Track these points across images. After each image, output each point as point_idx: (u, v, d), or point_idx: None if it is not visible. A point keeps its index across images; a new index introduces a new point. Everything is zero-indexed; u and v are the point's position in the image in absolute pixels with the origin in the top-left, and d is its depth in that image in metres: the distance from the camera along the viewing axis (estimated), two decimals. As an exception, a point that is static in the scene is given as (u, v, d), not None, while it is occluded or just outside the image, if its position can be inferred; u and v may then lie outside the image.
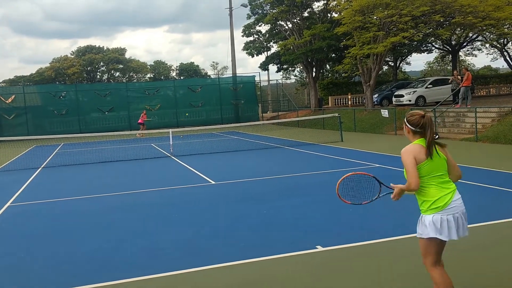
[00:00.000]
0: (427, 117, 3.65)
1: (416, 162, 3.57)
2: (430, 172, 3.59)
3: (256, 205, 8.34)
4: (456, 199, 3.62)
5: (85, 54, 62.87)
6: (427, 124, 3.61)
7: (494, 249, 5.50)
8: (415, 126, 3.65)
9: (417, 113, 3.70)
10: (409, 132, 3.74)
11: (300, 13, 34.32)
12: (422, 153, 3.58)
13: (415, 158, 3.58)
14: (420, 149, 3.60)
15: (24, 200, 9.93)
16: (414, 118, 3.67)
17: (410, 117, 3.72)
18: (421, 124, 3.62)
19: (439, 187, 3.59)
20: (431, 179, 3.60)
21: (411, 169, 3.57)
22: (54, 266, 5.66)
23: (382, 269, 5.02)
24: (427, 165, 3.57)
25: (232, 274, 5.12)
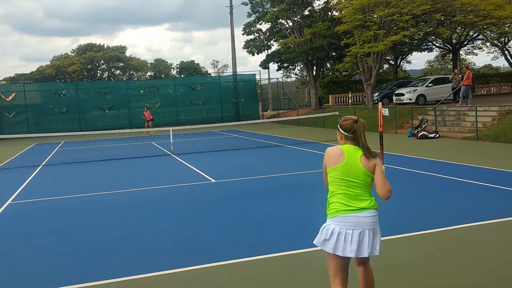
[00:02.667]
0: (360, 122, 3.50)
1: (326, 166, 3.56)
2: (338, 178, 3.45)
3: (256, 203, 8.34)
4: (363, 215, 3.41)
5: (86, 52, 62.82)
6: (358, 130, 3.46)
7: (494, 248, 5.51)
8: (347, 131, 3.50)
9: (350, 118, 3.55)
10: (341, 138, 3.59)
11: (301, 11, 34.29)
12: (335, 157, 3.46)
13: (325, 163, 3.56)
14: (335, 153, 3.48)
15: (25, 198, 9.95)
16: (346, 123, 3.52)
17: (343, 122, 3.56)
18: (353, 129, 3.47)
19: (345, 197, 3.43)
20: (339, 187, 3.46)
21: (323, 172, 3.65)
22: (54, 264, 5.67)
23: (383, 268, 5.02)
24: (337, 171, 3.45)
25: (232, 272, 5.13)
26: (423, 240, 5.90)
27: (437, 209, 7.35)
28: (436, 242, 5.81)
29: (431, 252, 5.45)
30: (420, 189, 9.00)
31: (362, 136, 3.47)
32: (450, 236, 6.02)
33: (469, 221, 6.51)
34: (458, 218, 6.72)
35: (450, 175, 10.14)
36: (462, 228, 6.29)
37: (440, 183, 9.42)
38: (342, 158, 3.44)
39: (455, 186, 9.10)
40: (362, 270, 3.71)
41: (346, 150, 3.49)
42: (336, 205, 3.47)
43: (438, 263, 5.05)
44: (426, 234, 6.10)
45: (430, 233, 6.12)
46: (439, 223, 6.51)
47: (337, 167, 3.45)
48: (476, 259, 5.18)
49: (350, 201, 3.42)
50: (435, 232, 6.16)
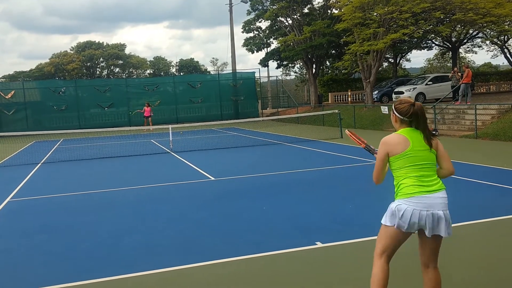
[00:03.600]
0: (417, 105, 3.41)
1: (389, 155, 3.44)
2: (407, 164, 3.39)
3: (256, 201, 8.34)
4: (436, 196, 3.35)
5: (85, 49, 62.75)
6: (417, 113, 3.39)
7: (494, 247, 5.51)
8: (404, 114, 3.42)
9: (406, 100, 3.46)
10: (396, 120, 3.52)
11: (300, 9, 34.23)
12: (400, 144, 3.39)
13: (389, 152, 3.44)
14: (399, 140, 3.41)
15: (24, 196, 9.94)
16: (403, 106, 3.43)
17: (398, 105, 3.46)
18: (410, 113, 3.39)
19: (417, 179, 3.37)
20: (409, 172, 3.39)
21: (377, 164, 3.49)
22: (53, 262, 5.67)
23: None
24: (406, 157, 3.38)
25: (231, 270, 5.12)
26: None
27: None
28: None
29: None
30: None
31: (422, 119, 3.41)
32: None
33: (469, 220, 6.51)
34: (457, 217, 6.70)
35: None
36: (461, 226, 6.29)
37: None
38: (408, 143, 3.39)
39: (454, 184, 9.09)
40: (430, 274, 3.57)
41: (408, 134, 3.42)
42: (408, 188, 3.39)
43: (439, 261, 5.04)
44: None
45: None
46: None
47: (405, 153, 3.38)
48: (475, 257, 5.18)
49: (422, 183, 3.37)
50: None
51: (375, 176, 3.55)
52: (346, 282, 4.70)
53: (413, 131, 3.45)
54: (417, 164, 3.39)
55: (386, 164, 3.52)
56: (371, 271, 4.68)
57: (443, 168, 3.52)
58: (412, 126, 3.46)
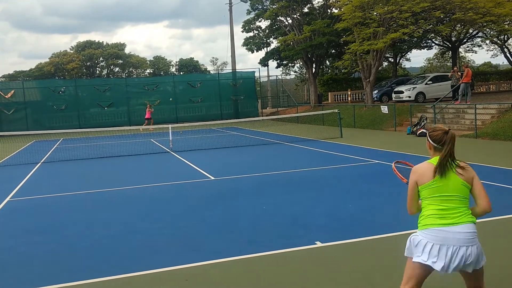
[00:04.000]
0: (450, 133, 3.34)
1: (417, 184, 3.35)
2: (432, 194, 3.28)
3: (255, 201, 8.34)
4: (455, 230, 3.17)
5: (85, 49, 62.72)
6: (448, 141, 3.31)
7: (492, 245, 5.51)
8: (437, 142, 3.35)
9: (440, 128, 3.40)
10: (430, 148, 3.45)
11: (300, 8, 34.23)
12: (428, 173, 3.30)
13: (417, 180, 3.35)
14: (426, 169, 3.32)
15: (24, 195, 9.94)
16: (436, 134, 3.37)
17: (432, 132, 3.41)
18: (443, 140, 3.32)
19: (437, 211, 3.26)
20: (432, 202, 3.29)
21: (408, 194, 3.41)
22: (53, 261, 5.67)
23: (382, 266, 5.03)
24: (431, 187, 3.28)
25: (231, 269, 5.13)
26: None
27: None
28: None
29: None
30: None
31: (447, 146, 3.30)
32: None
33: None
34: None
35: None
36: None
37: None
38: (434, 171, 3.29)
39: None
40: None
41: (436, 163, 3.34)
42: (427, 219, 3.29)
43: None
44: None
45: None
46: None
47: (431, 183, 3.28)
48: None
49: (443, 215, 3.25)
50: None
51: (408, 206, 3.45)
52: (345, 282, 4.71)
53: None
54: (442, 196, 3.27)
55: (416, 194, 3.41)
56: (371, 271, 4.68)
57: (477, 205, 3.37)
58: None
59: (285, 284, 4.68)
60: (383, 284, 4.56)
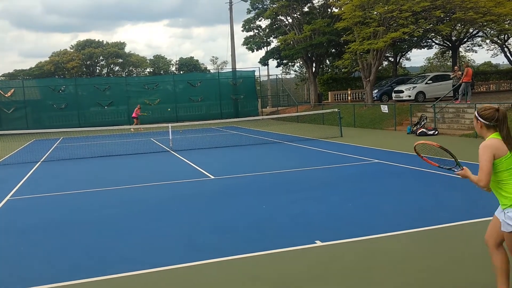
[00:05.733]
0: (501, 110, 3.55)
1: (495, 157, 3.49)
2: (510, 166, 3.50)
3: (255, 200, 8.34)
4: None
5: (85, 48, 62.70)
6: (502, 118, 3.51)
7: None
8: (490, 120, 3.54)
9: (490, 107, 3.60)
10: (482, 126, 3.62)
11: (300, 8, 34.23)
12: (503, 147, 3.49)
13: (494, 154, 3.49)
14: (499, 143, 3.50)
15: (24, 194, 9.94)
16: (488, 112, 3.56)
17: (483, 111, 3.59)
18: (496, 118, 3.52)
19: None
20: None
21: (484, 166, 3.50)
22: (53, 260, 5.67)
23: (381, 265, 5.03)
24: (509, 159, 3.49)
25: (231, 269, 5.13)
26: (423, 237, 5.91)
27: (436, 205, 7.36)
28: (436, 239, 5.82)
29: (432, 249, 5.46)
30: (419, 186, 9.01)
31: (505, 125, 3.51)
32: (450, 232, 6.03)
33: (468, 218, 6.52)
34: (457, 215, 6.72)
35: (449, 172, 10.12)
36: (462, 224, 6.30)
37: (439, 180, 9.43)
38: (505, 146, 3.50)
39: (454, 183, 9.09)
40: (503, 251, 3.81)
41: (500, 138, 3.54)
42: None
43: (438, 260, 5.06)
44: (425, 230, 6.11)
45: (429, 230, 6.13)
46: (438, 219, 6.51)
47: (509, 155, 3.49)
48: (476, 255, 5.18)
49: None
50: (435, 229, 6.17)
51: (486, 179, 3.54)
52: (345, 281, 4.71)
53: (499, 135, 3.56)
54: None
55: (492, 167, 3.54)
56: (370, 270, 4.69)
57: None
58: (497, 131, 3.55)
59: (285, 284, 4.68)
60: (383, 283, 4.56)
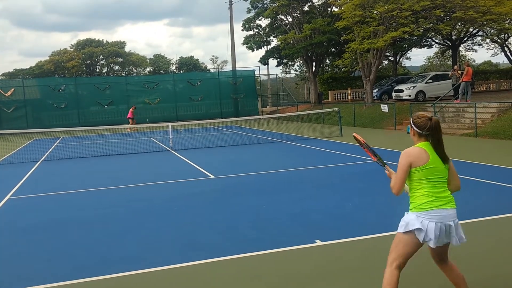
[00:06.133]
0: (434, 119, 3.56)
1: (411, 166, 3.53)
2: (426, 176, 3.52)
3: (255, 199, 8.35)
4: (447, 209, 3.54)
5: (85, 47, 62.68)
6: (434, 128, 3.53)
7: (493, 245, 5.52)
8: (422, 129, 3.55)
9: (424, 115, 3.60)
10: (414, 134, 3.64)
11: (300, 7, 34.21)
12: (421, 157, 3.51)
13: (412, 162, 3.53)
14: (420, 153, 3.53)
15: (24, 193, 9.94)
16: (421, 121, 3.57)
17: (416, 119, 3.60)
18: (427, 126, 3.53)
19: (432, 193, 3.53)
20: (426, 184, 3.54)
21: (399, 174, 3.56)
22: (53, 259, 5.67)
23: (381, 264, 5.03)
24: (424, 170, 3.50)
25: (231, 268, 5.13)
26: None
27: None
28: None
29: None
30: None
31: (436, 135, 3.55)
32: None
33: (468, 218, 6.51)
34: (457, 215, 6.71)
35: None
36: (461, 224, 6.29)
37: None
38: (427, 156, 3.51)
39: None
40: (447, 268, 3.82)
41: (427, 148, 3.55)
42: (423, 200, 3.54)
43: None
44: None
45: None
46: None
47: (425, 166, 3.50)
48: (475, 255, 5.18)
49: (438, 197, 3.53)
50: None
51: (397, 187, 3.60)
52: (346, 280, 4.71)
53: (431, 146, 3.58)
54: (433, 178, 3.54)
55: (407, 176, 3.58)
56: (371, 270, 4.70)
57: (451, 185, 3.67)
58: (429, 140, 3.58)
59: (285, 283, 4.69)
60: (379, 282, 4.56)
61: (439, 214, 3.51)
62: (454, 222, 3.58)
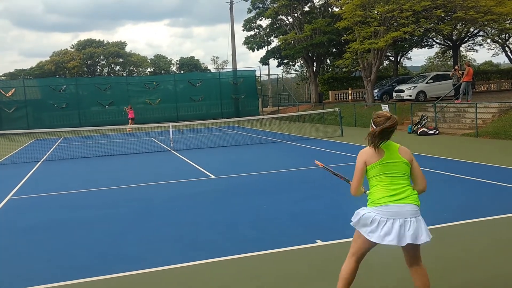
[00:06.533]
0: (392, 118, 3.54)
1: (366, 164, 3.56)
2: (381, 173, 3.53)
3: (256, 199, 8.34)
4: (403, 204, 3.46)
5: (86, 47, 62.70)
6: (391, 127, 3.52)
7: (493, 245, 5.51)
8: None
9: (384, 114, 3.58)
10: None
11: (301, 7, 34.20)
12: (375, 154, 3.54)
13: (366, 161, 3.56)
14: (373, 150, 3.55)
15: (25, 194, 9.95)
16: (380, 120, 3.56)
17: (376, 118, 3.59)
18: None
19: (387, 188, 3.50)
20: (382, 180, 3.53)
21: (355, 174, 3.61)
22: (53, 259, 5.67)
23: (382, 264, 5.02)
24: (380, 166, 3.52)
25: (231, 268, 5.13)
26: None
27: (436, 205, 7.34)
28: (435, 239, 5.80)
29: (430, 249, 5.44)
30: (419, 186, 8.98)
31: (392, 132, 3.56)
32: (450, 232, 6.02)
33: (469, 218, 6.51)
34: (457, 215, 6.71)
35: (449, 171, 10.14)
36: (461, 224, 6.29)
37: (439, 180, 9.41)
38: (383, 153, 3.54)
39: (455, 183, 9.10)
40: (415, 270, 3.71)
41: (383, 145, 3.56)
42: (378, 195, 3.53)
43: (436, 260, 5.05)
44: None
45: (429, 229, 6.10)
46: (438, 219, 6.50)
47: (381, 161, 3.52)
48: (475, 255, 5.18)
49: (393, 191, 3.50)
50: (435, 228, 6.15)
51: (353, 186, 3.67)
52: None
53: (389, 143, 3.61)
54: (390, 173, 3.53)
55: (364, 175, 3.62)
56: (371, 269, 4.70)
57: (416, 185, 3.65)
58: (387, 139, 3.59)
59: (286, 283, 4.68)
60: (384, 282, 4.56)
61: (391, 210, 3.45)
62: (412, 220, 3.46)
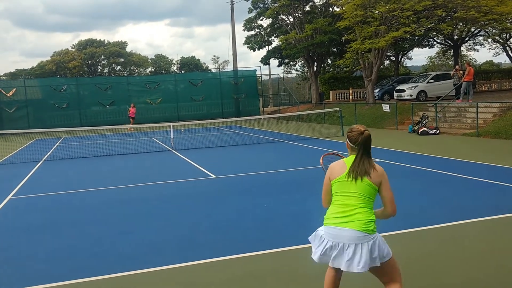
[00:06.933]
0: (365, 134, 3.40)
1: (330, 179, 3.48)
2: (337, 190, 3.43)
3: (256, 199, 8.34)
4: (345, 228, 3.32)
5: (86, 47, 62.76)
6: (362, 143, 3.39)
7: (494, 244, 5.50)
8: (353, 143, 3.44)
9: (357, 129, 3.45)
10: (348, 147, 3.55)
11: (302, 7, 34.19)
12: (339, 169, 3.44)
13: (330, 176, 3.49)
14: (339, 165, 3.46)
15: (25, 193, 9.95)
16: (352, 134, 3.45)
17: (349, 133, 3.49)
18: (358, 141, 3.40)
19: (338, 208, 3.41)
20: (337, 199, 3.44)
21: (323, 189, 3.56)
22: (54, 259, 5.68)
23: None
24: (337, 183, 3.42)
25: (232, 268, 5.13)
26: (423, 236, 5.90)
27: (437, 205, 7.34)
28: (436, 238, 5.81)
29: (431, 248, 5.44)
30: (420, 185, 8.99)
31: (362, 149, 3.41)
32: (450, 232, 6.02)
33: (469, 218, 6.51)
34: (458, 214, 6.70)
35: (450, 171, 10.13)
36: (462, 224, 6.28)
37: (440, 179, 9.41)
38: (344, 170, 3.41)
39: (456, 182, 9.09)
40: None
41: (348, 162, 3.45)
42: (327, 214, 3.51)
43: (437, 260, 5.04)
44: (426, 230, 6.10)
45: (430, 229, 6.12)
46: (439, 219, 6.50)
47: (339, 178, 3.42)
48: (475, 255, 5.17)
49: (340, 213, 3.40)
50: (435, 228, 6.16)
51: (324, 200, 3.61)
52: (347, 280, 4.70)
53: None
54: (344, 192, 3.40)
55: (330, 188, 3.53)
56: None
57: (384, 208, 3.59)
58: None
59: (285, 283, 4.68)
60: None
61: (330, 232, 3.39)
62: (351, 246, 3.31)
